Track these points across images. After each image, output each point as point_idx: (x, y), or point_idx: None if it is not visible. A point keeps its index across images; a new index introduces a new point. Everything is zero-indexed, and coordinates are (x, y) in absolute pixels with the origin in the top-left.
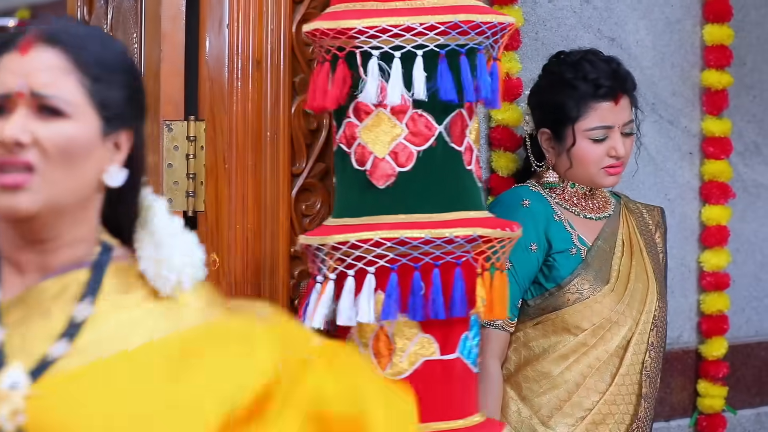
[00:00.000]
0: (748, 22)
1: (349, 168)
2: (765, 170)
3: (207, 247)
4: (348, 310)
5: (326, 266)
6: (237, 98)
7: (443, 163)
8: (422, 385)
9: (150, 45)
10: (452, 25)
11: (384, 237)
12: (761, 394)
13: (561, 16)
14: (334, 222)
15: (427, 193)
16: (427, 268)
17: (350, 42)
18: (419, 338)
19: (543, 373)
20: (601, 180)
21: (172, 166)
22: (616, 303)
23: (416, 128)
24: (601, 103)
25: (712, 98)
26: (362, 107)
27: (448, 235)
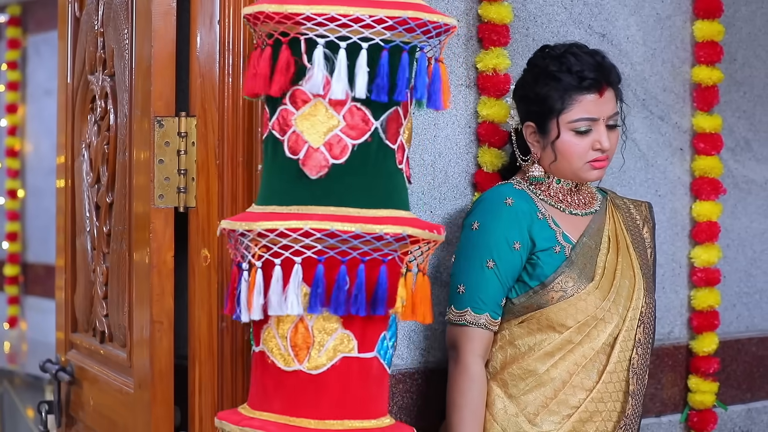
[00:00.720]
0: (738, 18)
1: (281, 155)
2: (755, 166)
3: (198, 243)
4: (278, 300)
5: (250, 253)
6: (228, 94)
7: (377, 159)
8: (339, 381)
9: (141, 41)
10: (401, 20)
11: (314, 227)
12: (752, 390)
13: (551, 12)
14: (260, 209)
15: (358, 188)
16: (352, 263)
17: (295, 28)
18: (339, 333)
19: (529, 371)
20: (585, 174)
21: (163, 162)
22: (602, 300)
23: (353, 121)
24: (585, 95)
25: (703, 94)
26: (300, 95)
27: (378, 231)
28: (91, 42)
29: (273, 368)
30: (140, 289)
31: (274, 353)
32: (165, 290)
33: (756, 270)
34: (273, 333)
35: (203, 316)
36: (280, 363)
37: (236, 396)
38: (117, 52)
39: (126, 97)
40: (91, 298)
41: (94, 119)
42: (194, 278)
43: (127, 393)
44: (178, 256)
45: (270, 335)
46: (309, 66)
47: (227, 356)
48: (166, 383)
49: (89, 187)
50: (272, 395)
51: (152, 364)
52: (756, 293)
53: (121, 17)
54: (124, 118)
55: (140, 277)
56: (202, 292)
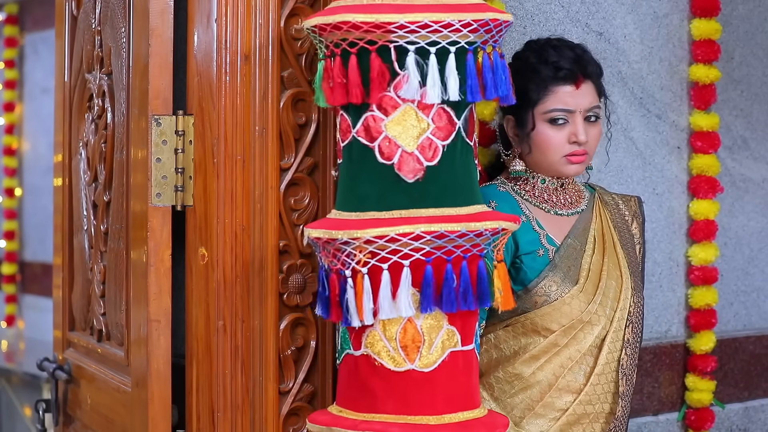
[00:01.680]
0: (735, 17)
1: (372, 161)
2: (753, 164)
3: (195, 242)
4: (388, 304)
5: (354, 260)
6: (225, 93)
7: (461, 157)
8: (449, 376)
9: (138, 40)
10: (483, 23)
11: (424, 230)
12: (749, 388)
13: (549, 10)
14: (354, 215)
15: (451, 187)
16: (455, 261)
17: (385, 36)
18: (445, 330)
19: (515, 374)
20: (563, 168)
21: (160, 161)
22: (587, 303)
23: (441, 123)
24: (560, 86)
25: (700, 92)
26: (389, 101)
27: (480, 228)
28: (89, 40)
29: (382, 370)
30: (137, 288)
31: (382, 355)
32: (162, 289)
33: (753, 268)
34: (379, 336)
35: (201, 315)
36: (389, 365)
37: (234, 395)
38: (114, 50)
39: (123, 95)
40: (88, 297)
41: (91, 118)
42: (192, 277)
43: (125, 392)
44: (176, 255)
45: (375, 338)
46: (400, 72)
47: (225, 355)
48: (164, 382)
49: (86, 186)
50: (383, 397)
51: (149, 363)
52: (753, 291)
53: (119, 15)
54: (121, 117)
55: (137, 275)
56: (200, 290)
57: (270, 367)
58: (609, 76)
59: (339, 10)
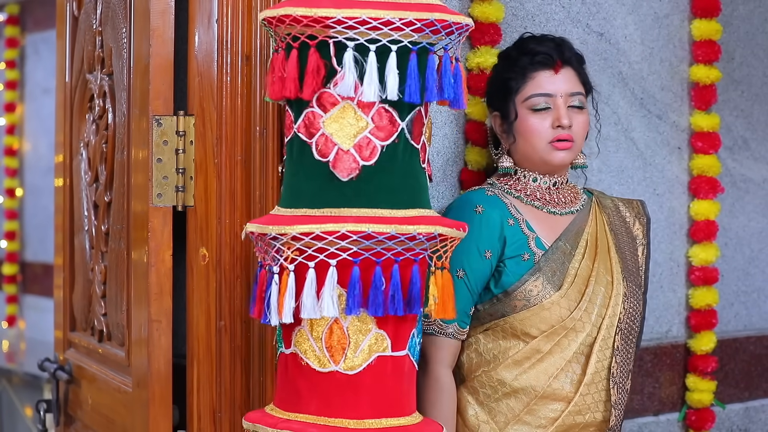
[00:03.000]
0: (736, 17)
1: (309, 158)
2: (753, 165)
3: (196, 242)
4: (312, 303)
5: (282, 256)
6: (226, 93)
7: (403, 159)
8: (375, 380)
9: (139, 40)
10: (428, 22)
11: (350, 230)
12: (750, 389)
13: (549, 11)
14: (289, 212)
15: (388, 189)
16: (386, 264)
17: (324, 31)
18: (374, 333)
19: (497, 380)
20: (549, 156)
21: (161, 161)
22: (570, 309)
23: (381, 123)
24: (539, 72)
25: (701, 93)
26: (328, 98)
27: (412, 231)
28: (90, 41)
29: (307, 370)
30: (138, 288)
31: (308, 355)
32: (163, 289)
33: (754, 269)
34: (306, 335)
35: (201, 315)
36: (315, 365)
37: (234, 395)
38: (115, 51)
39: (124, 96)
40: (89, 297)
41: (92, 118)
42: (192, 277)
43: (126, 392)
44: (177, 255)
45: (303, 337)
46: (339, 69)
47: (225, 355)
48: (165, 382)
49: (87, 186)
50: (307, 397)
51: (150, 363)
52: (754, 292)
53: (120, 16)
54: (122, 117)
55: (138, 276)
56: (201, 291)
57: (270, 367)
58: (610, 77)
59: (285, 4)
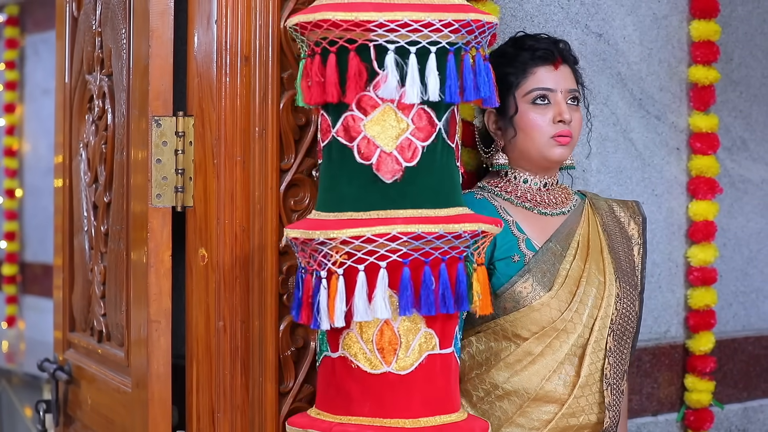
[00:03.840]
0: (734, 18)
1: (351, 162)
2: (752, 165)
3: (196, 243)
4: (364, 306)
5: (330, 261)
6: (225, 94)
7: (442, 159)
8: (426, 379)
9: (138, 41)
10: (465, 23)
11: (401, 231)
12: (748, 389)
13: (548, 12)
14: (332, 216)
15: (430, 189)
16: (434, 263)
17: (364, 35)
18: (423, 332)
19: (490, 382)
20: (549, 151)
21: (160, 162)
22: (560, 311)
23: (420, 124)
24: (539, 67)
25: (699, 94)
26: (368, 101)
27: (458, 230)
28: (89, 42)
29: (358, 372)
30: (138, 289)
31: (358, 358)
32: (162, 290)
33: (752, 269)
34: (356, 338)
35: (201, 316)
36: (366, 367)
37: (234, 395)
38: (115, 51)
39: (123, 96)
40: (88, 298)
41: (91, 119)
42: (192, 278)
43: (125, 392)
44: (176, 256)
45: (352, 340)
46: (380, 72)
47: (225, 356)
48: (164, 383)
49: (87, 187)
50: (359, 399)
51: (150, 364)
52: (752, 292)
53: (119, 17)
54: (121, 118)
55: (138, 276)
56: (200, 291)
57: (270, 367)
58: (608, 77)
59: (320, 8)
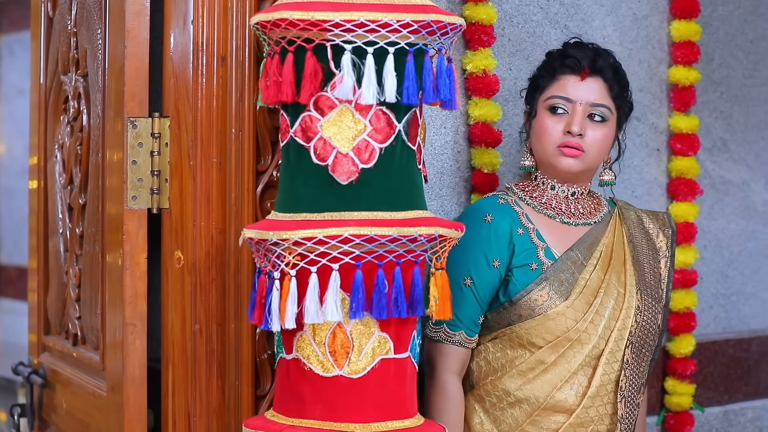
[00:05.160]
0: (715, 18)
1: (307, 162)
2: (732, 167)
3: (171, 245)
4: (315, 308)
5: (284, 262)
6: (202, 95)
7: (401, 161)
8: (379, 383)
9: (114, 41)
10: (425, 24)
11: (353, 234)
12: (729, 392)
13: (528, 12)
14: (288, 216)
15: (387, 191)
16: (388, 267)
17: (321, 34)
18: (377, 336)
19: (503, 389)
20: (556, 160)
21: (136, 163)
22: (576, 320)
23: (379, 125)
24: (566, 75)
25: (680, 94)
26: (325, 101)
27: (414, 233)
28: (64, 42)
29: (311, 375)
30: (113, 292)
31: (311, 360)
32: (138, 292)
33: (733, 271)
34: (309, 340)
35: (176, 319)
36: (318, 370)
37: (210, 399)
38: (90, 52)
39: (99, 97)
40: (63, 301)
41: (67, 120)
42: (167, 280)
43: (100, 396)
44: (152, 258)
45: (305, 342)
46: (337, 72)
47: (201, 359)
48: (139, 386)
49: (62, 189)
50: (311, 402)
51: (125, 367)
52: (733, 294)
53: (95, 17)
54: (97, 119)
55: (113, 279)
56: (176, 294)
57: (246, 371)
58: None
59: (279, 8)
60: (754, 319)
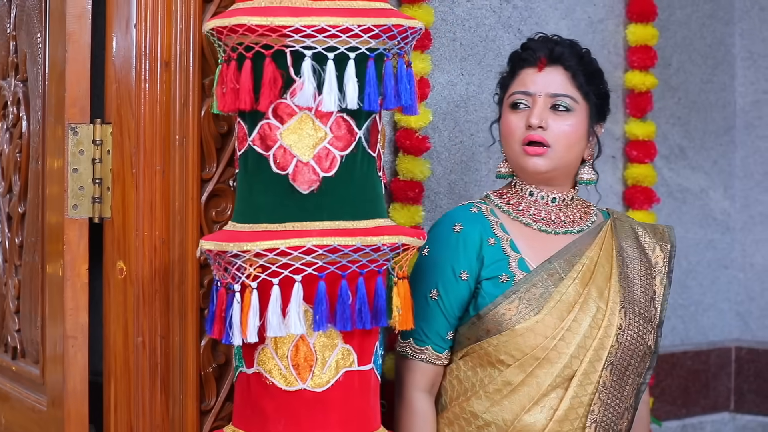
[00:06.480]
0: (673, 22)
1: (266, 171)
2: (690, 174)
3: (114, 255)
4: (278, 321)
5: (244, 274)
6: (145, 100)
7: (362, 169)
8: (343, 397)
9: (54, 45)
10: (385, 28)
11: (315, 244)
12: (687, 405)
13: (480, 15)
14: (247, 227)
15: (349, 200)
16: (351, 277)
17: (280, 40)
18: (340, 348)
19: (470, 411)
20: (523, 161)
21: (77, 171)
22: (545, 337)
23: (339, 132)
24: (525, 69)
25: (636, 100)
26: (284, 108)
27: (377, 243)
28: (3, 46)
29: (273, 389)
30: (53, 303)
31: (273, 374)
32: (79, 304)
33: (691, 281)
34: (271, 354)
35: (119, 331)
36: (281, 384)
37: (153, 414)
38: (30, 56)
39: (39, 103)
40: (2, 313)
41: (5, 126)
42: (109, 291)
43: (40, 411)
44: (93, 269)
45: (267, 356)
46: (296, 79)
47: (144, 373)
48: (81, 401)
49: (1, 197)
50: (274, 417)
51: (66, 381)
52: (691, 305)
53: (35, 20)
54: (37, 125)
55: (53, 290)
56: (118, 306)
57: (191, 385)
58: None
59: (236, 13)
60: (712, 330)
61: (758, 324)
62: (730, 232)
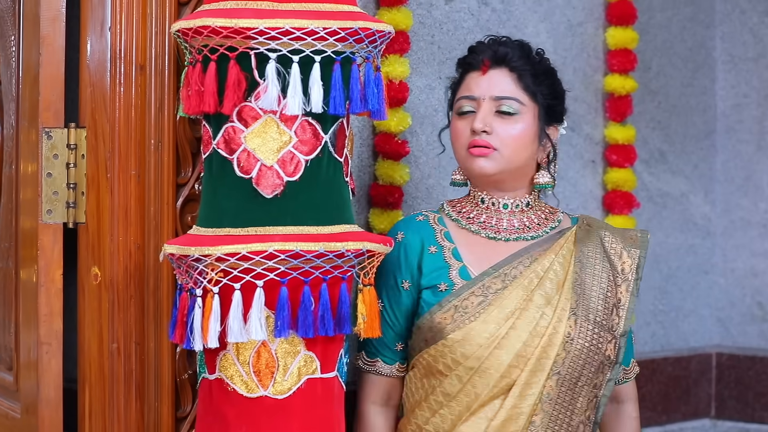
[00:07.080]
0: (653, 25)
1: (230, 175)
2: (670, 179)
3: (88, 261)
4: (239, 326)
5: (206, 279)
6: (119, 104)
7: (327, 173)
8: (305, 404)
9: (28, 48)
10: (352, 31)
11: (278, 249)
12: (668, 412)
13: (458, 18)
14: (210, 231)
15: (314, 205)
16: (314, 283)
17: (245, 42)
18: (303, 355)
19: (416, 423)
20: (468, 164)
21: (51, 176)
22: (480, 346)
23: (305, 136)
24: (469, 74)
25: (616, 104)
26: (249, 111)
27: (341, 248)
28: None
29: (234, 396)
30: (27, 309)
31: (234, 380)
32: (53, 310)
33: (671, 287)
34: (232, 360)
35: (93, 337)
36: (242, 390)
37: (129, 421)
38: (3, 59)
39: (13, 107)
40: None
41: None
42: (84, 297)
43: (14, 418)
44: (68, 274)
45: (229, 362)
46: (261, 81)
47: (119, 379)
48: (55, 408)
49: None
50: (235, 424)
51: (40, 388)
52: (672, 311)
53: (8, 23)
54: (10, 129)
55: (27, 296)
56: (93, 312)
57: (166, 391)
58: None
59: (201, 15)
60: (693, 336)
61: (739, 330)
62: (711, 237)
